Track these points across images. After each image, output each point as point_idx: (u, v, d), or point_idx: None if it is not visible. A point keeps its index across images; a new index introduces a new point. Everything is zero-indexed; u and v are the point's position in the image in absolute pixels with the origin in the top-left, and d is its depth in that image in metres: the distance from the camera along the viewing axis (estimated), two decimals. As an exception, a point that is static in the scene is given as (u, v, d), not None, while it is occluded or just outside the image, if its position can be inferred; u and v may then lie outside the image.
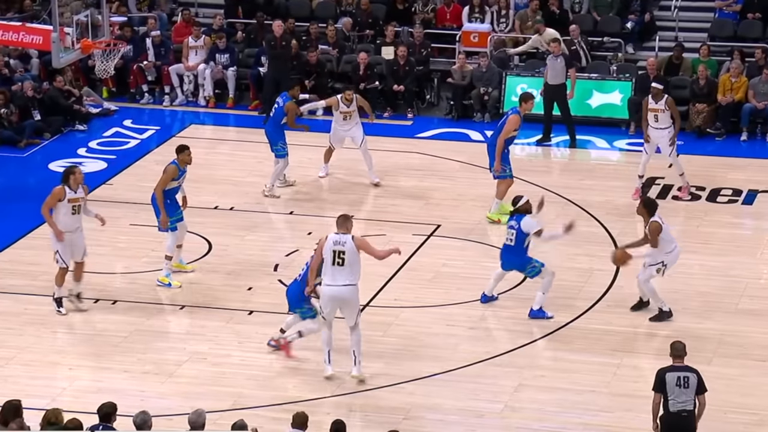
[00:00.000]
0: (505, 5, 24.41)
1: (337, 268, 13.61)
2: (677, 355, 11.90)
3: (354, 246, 13.63)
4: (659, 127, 18.60)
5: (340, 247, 13.63)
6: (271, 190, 18.81)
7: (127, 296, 15.83)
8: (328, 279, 13.68)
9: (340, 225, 13.81)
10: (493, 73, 22.84)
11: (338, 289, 13.66)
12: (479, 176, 19.64)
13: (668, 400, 11.71)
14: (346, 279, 13.65)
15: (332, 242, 13.66)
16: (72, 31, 17.73)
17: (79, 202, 15.41)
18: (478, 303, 15.66)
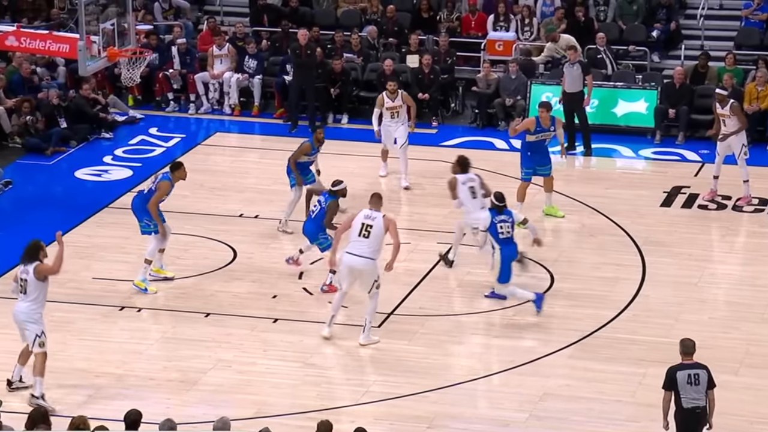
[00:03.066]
0: (530, 14, 24.38)
1: (362, 240, 14.45)
2: (687, 352, 11.92)
3: (382, 224, 14.47)
4: (729, 131, 18.62)
5: (370, 221, 14.51)
6: (284, 226, 18.09)
7: (152, 304, 15.86)
8: (350, 248, 14.46)
9: (373, 202, 14.67)
10: (520, 82, 22.80)
11: (357, 260, 14.45)
12: (504, 185, 19.56)
13: (680, 397, 11.77)
14: (366, 252, 14.41)
15: (363, 215, 14.58)
16: (98, 39, 17.79)
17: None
18: (503, 311, 15.60)
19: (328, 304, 15.60)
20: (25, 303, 13.27)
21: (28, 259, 13.30)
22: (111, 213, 18.65)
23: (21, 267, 13.34)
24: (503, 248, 15.29)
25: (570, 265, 17.00)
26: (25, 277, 13.24)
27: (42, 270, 13.23)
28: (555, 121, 18.14)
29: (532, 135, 17.95)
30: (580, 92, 21.29)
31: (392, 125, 19.84)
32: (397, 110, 19.80)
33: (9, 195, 19.59)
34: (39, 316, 13.28)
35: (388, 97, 19.81)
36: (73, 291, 15.93)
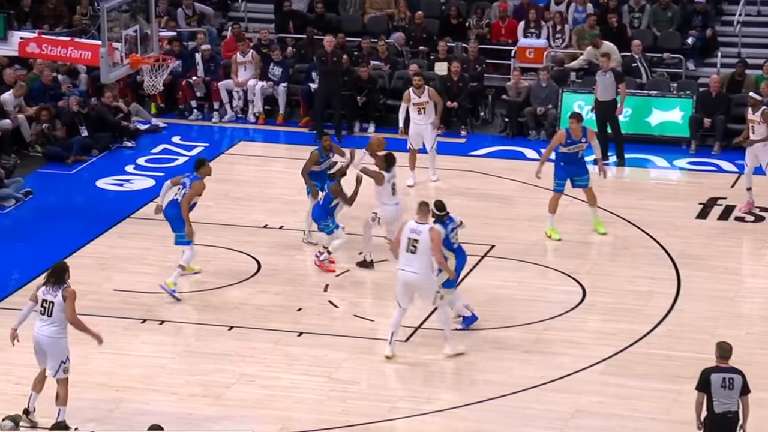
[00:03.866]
0: (561, 20, 24.36)
1: (410, 255, 14.39)
2: (723, 356, 11.89)
3: (428, 238, 14.33)
4: (756, 138, 18.56)
5: (415, 236, 14.42)
6: (308, 237, 18.27)
7: (174, 317, 15.90)
8: (402, 263, 14.43)
9: (419, 213, 14.56)
10: (551, 90, 22.78)
11: (410, 275, 14.41)
12: (535, 196, 19.57)
13: (713, 401, 11.77)
14: (416, 267, 14.33)
15: (409, 230, 14.47)
16: (121, 46, 17.85)
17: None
18: (534, 326, 15.58)
19: (355, 318, 15.61)
20: (50, 327, 12.92)
21: (56, 281, 12.95)
22: (133, 223, 18.70)
23: (44, 288, 12.97)
24: (458, 256, 15.18)
25: (602, 278, 16.94)
26: (51, 299, 12.88)
27: (71, 295, 12.91)
28: (587, 132, 18.06)
29: (565, 147, 17.91)
30: (613, 101, 21.24)
31: (420, 124, 19.91)
32: (424, 107, 19.87)
33: (29, 205, 19.68)
34: (65, 340, 13.01)
35: (414, 93, 19.91)
36: (94, 303, 15.97)
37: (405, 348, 15.00)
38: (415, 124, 20.07)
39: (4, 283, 16.86)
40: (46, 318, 12.93)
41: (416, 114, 19.98)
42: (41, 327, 12.98)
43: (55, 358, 13.00)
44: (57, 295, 12.89)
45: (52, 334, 12.94)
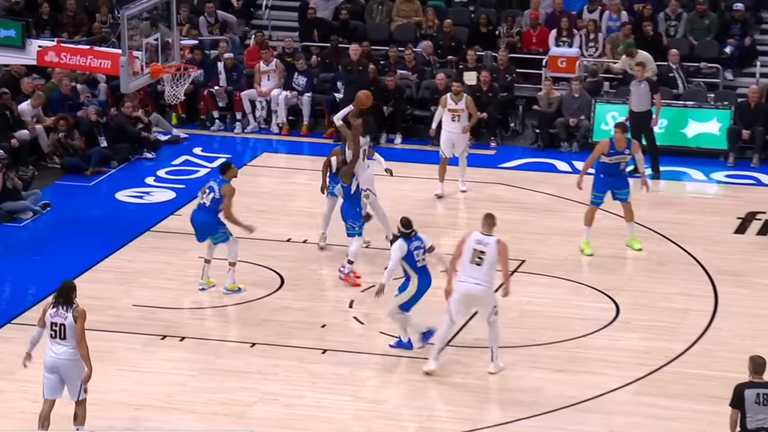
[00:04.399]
0: (595, 28, 24.34)
1: (474, 267, 14.33)
2: (757, 371, 11.85)
3: (496, 250, 14.31)
4: None
5: (482, 247, 14.37)
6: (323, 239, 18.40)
7: (195, 333, 15.93)
8: (464, 275, 14.34)
9: (485, 225, 14.50)
10: (584, 101, 22.75)
11: (474, 287, 14.36)
12: (566, 209, 19.55)
13: (746, 417, 11.74)
14: (482, 279, 14.33)
15: (475, 241, 14.40)
16: (141, 55, 17.93)
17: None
18: (566, 343, 15.54)
19: (380, 334, 15.61)
20: (65, 349, 12.80)
21: (65, 302, 12.83)
22: (153, 237, 18.76)
23: (52, 310, 12.81)
24: (421, 277, 15.01)
25: (637, 295, 16.90)
26: (62, 322, 12.78)
27: (82, 315, 12.82)
28: (631, 144, 17.96)
29: (607, 157, 17.84)
30: (648, 111, 21.20)
31: (453, 131, 20.04)
32: (459, 114, 20.02)
33: (47, 218, 19.78)
34: (81, 362, 12.90)
35: (452, 99, 20.11)
36: (113, 319, 16.03)
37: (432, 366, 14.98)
38: (447, 132, 20.18)
39: (21, 297, 16.94)
40: (59, 341, 12.81)
41: (450, 121, 20.09)
42: (57, 351, 12.83)
43: (74, 380, 12.92)
44: (68, 316, 12.77)
45: (70, 357, 12.84)
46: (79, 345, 12.82)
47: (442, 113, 20.27)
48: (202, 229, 16.72)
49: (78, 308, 12.84)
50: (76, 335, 12.78)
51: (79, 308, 12.85)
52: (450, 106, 20.17)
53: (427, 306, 15.29)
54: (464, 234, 14.57)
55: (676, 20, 24.53)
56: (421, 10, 25.47)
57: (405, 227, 15.11)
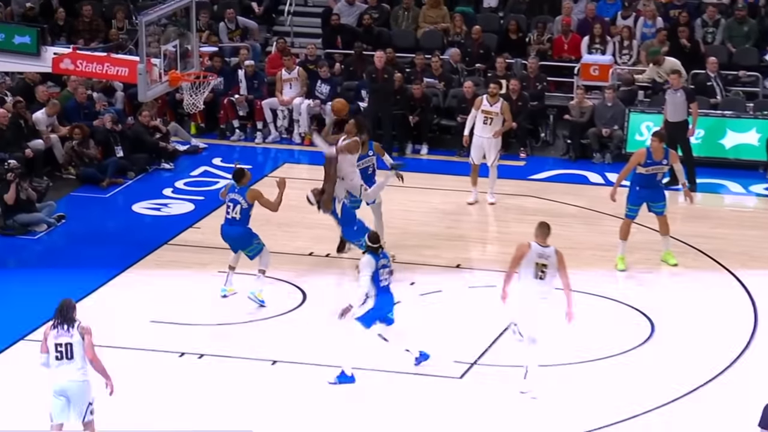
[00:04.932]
0: (629, 35, 24.28)
1: (539, 282, 14.14)
2: None
3: (556, 261, 14.15)
4: None
5: (544, 260, 14.20)
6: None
7: (215, 350, 15.91)
8: (527, 290, 14.14)
9: (542, 235, 14.28)
10: (617, 110, 22.69)
11: (540, 302, 14.20)
12: (599, 222, 19.48)
13: None
14: (546, 292, 14.19)
15: (536, 254, 14.17)
16: (159, 62, 17.96)
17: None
18: (599, 362, 15.46)
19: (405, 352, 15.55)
20: (75, 371, 12.63)
21: (68, 321, 12.65)
22: (171, 250, 18.77)
23: (54, 332, 12.61)
24: (380, 296, 14.73)
25: (673, 312, 16.81)
26: (68, 341, 12.60)
27: (89, 331, 12.68)
28: (669, 154, 17.86)
29: (644, 168, 17.76)
30: (684, 122, 21.12)
31: (483, 135, 20.00)
32: (492, 117, 20.01)
33: (62, 230, 19.82)
34: (89, 382, 12.76)
35: (487, 101, 20.12)
36: (129, 336, 16.02)
37: (460, 385, 14.94)
38: (477, 137, 20.16)
39: (36, 312, 16.92)
40: (67, 362, 12.64)
41: (481, 123, 20.09)
42: (67, 373, 12.66)
43: (82, 402, 12.75)
44: (73, 334, 12.61)
45: (79, 378, 12.69)
46: (93, 360, 12.73)
47: (475, 116, 20.24)
48: (235, 242, 16.84)
49: (82, 324, 12.71)
50: (87, 351, 12.68)
51: (82, 324, 12.72)
52: (484, 107, 20.14)
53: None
54: (519, 245, 14.27)
55: (714, 27, 24.44)
56: (449, 16, 25.47)
57: (373, 242, 14.75)
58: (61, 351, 12.63)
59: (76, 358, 12.65)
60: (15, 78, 23.91)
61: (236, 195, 16.78)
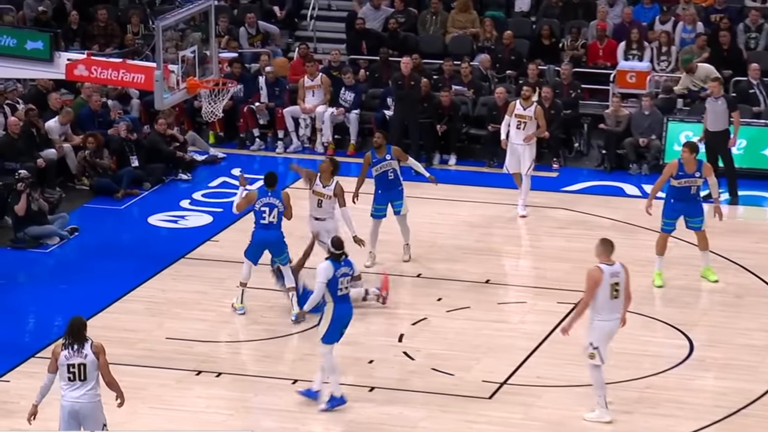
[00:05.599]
0: (668, 41, 24.25)
1: (614, 302, 14.28)
2: None
3: (626, 276, 14.30)
4: None
5: (617, 279, 14.31)
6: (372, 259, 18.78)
7: (233, 368, 15.95)
8: (606, 314, 14.25)
9: (607, 253, 14.30)
10: (655, 119, 22.66)
11: (615, 324, 14.35)
12: (635, 236, 19.45)
13: None
14: (617, 312, 14.34)
15: (609, 274, 14.24)
16: (177, 68, 18.04)
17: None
18: (635, 383, 15.43)
19: (432, 371, 15.55)
20: (88, 392, 12.66)
21: (80, 341, 12.64)
22: (188, 264, 18.82)
23: (66, 352, 12.60)
24: (337, 305, 14.65)
25: (713, 330, 16.78)
26: (81, 362, 12.61)
27: (102, 349, 12.67)
28: (702, 166, 17.80)
29: (676, 180, 17.73)
30: (725, 131, 21.07)
31: (517, 142, 20.11)
32: (525, 121, 20.10)
33: (75, 243, 19.90)
34: (101, 404, 12.75)
35: (520, 104, 20.17)
36: (144, 353, 16.08)
37: (488, 406, 14.94)
38: (511, 143, 20.20)
39: (47, 329, 17.03)
40: (79, 383, 12.64)
41: (514, 128, 20.12)
42: (79, 395, 12.67)
43: (95, 423, 12.78)
44: (86, 354, 12.63)
45: (92, 399, 12.71)
46: (107, 380, 12.77)
47: (509, 122, 20.28)
48: (273, 247, 16.96)
49: (95, 343, 12.72)
50: (102, 370, 12.71)
51: (95, 343, 12.73)
52: (518, 111, 20.19)
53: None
54: (591, 273, 14.12)
55: (757, 32, 24.39)
56: (478, 20, 25.49)
57: (336, 248, 14.75)
58: (74, 372, 12.63)
59: (90, 378, 12.67)
60: (27, 85, 24.06)
61: (271, 199, 16.95)
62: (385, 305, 17.26)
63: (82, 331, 12.74)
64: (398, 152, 18.58)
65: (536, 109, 20.32)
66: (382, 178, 18.46)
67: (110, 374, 12.78)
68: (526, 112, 20.22)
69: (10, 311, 17.63)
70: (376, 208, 18.60)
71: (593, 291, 14.18)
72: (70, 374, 12.65)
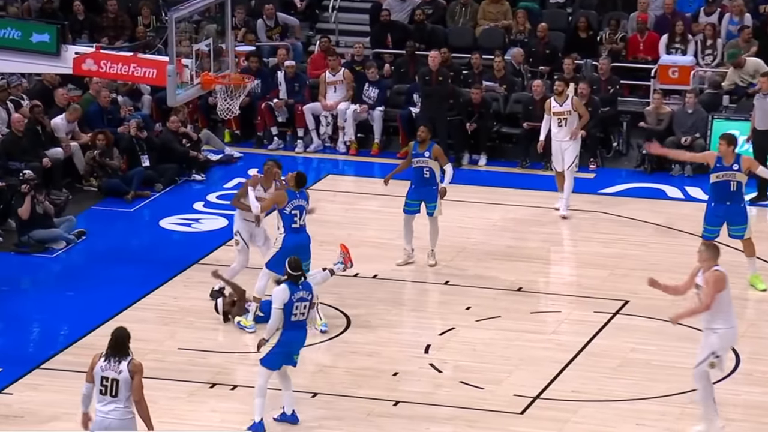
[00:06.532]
0: (713, 33, 24.19)
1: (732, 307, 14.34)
2: None
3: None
4: None
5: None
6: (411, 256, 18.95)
7: (249, 381, 15.97)
8: (731, 320, 14.26)
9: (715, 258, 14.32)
10: (699, 117, 22.62)
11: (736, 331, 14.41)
12: (677, 241, 19.43)
13: None
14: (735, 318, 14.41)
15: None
16: (191, 63, 18.11)
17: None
18: (677, 398, 15.42)
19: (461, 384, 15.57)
20: (115, 406, 12.61)
21: (119, 354, 12.62)
22: (201, 270, 18.86)
23: (103, 363, 12.63)
24: (287, 331, 14.44)
25: (760, 342, 16.76)
26: (114, 377, 12.59)
27: (139, 370, 12.63)
28: (740, 159, 17.80)
29: (714, 174, 17.73)
30: (775, 130, 21.07)
31: (560, 137, 20.20)
32: (565, 117, 20.17)
33: (82, 248, 19.97)
34: (134, 421, 12.72)
35: (555, 101, 20.18)
36: (155, 364, 16.11)
37: (519, 422, 14.94)
38: (554, 141, 20.24)
39: (52, 338, 17.11)
40: (109, 398, 12.64)
41: (556, 126, 20.24)
42: (108, 410, 12.65)
43: None
44: (121, 370, 12.60)
45: (123, 416, 12.65)
46: (138, 404, 12.64)
47: (549, 121, 20.32)
48: (306, 251, 16.84)
49: (134, 361, 12.66)
50: (134, 393, 12.60)
51: (135, 361, 12.66)
52: (554, 109, 20.24)
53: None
54: (720, 276, 14.05)
55: (811, 23, 24.34)
56: (511, 12, 25.50)
57: (293, 269, 14.44)
58: (106, 386, 12.63)
59: (121, 396, 12.63)
60: (32, 80, 24.14)
61: (301, 201, 16.94)
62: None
63: (122, 345, 12.67)
64: (438, 152, 18.63)
65: (573, 101, 20.37)
66: (418, 174, 18.57)
67: (142, 397, 12.63)
68: (563, 107, 20.26)
69: (14, 319, 17.71)
70: (408, 203, 18.68)
71: (718, 295, 14.14)
72: (102, 387, 12.65)
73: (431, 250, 18.78)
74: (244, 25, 25.51)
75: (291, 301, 14.35)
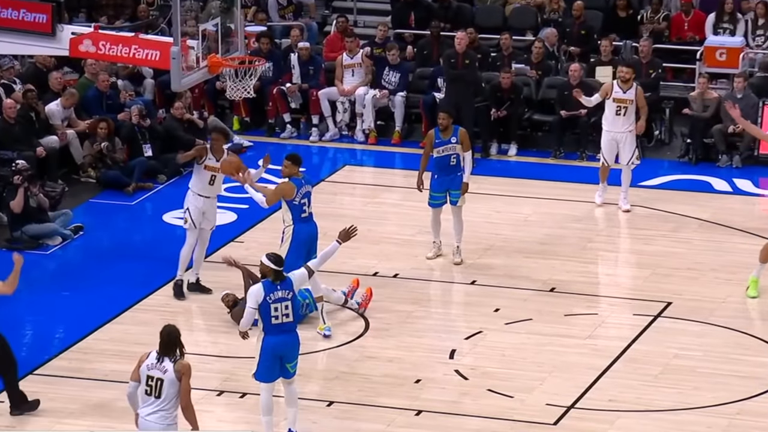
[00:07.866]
0: (765, 12, 24.16)
1: None
2: None
3: None
4: None
5: None
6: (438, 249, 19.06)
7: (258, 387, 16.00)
8: None
9: None
10: (749, 103, 22.60)
11: None
12: (725, 239, 19.41)
13: None
14: None
15: None
16: (197, 44, 18.16)
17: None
18: (724, 408, 15.42)
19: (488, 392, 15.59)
20: (162, 412, 12.75)
21: (167, 352, 12.76)
22: (207, 268, 18.88)
23: (149, 361, 12.78)
24: (268, 337, 14.23)
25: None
26: (159, 376, 12.72)
27: (187, 370, 12.74)
28: None
29: None
30: (830, 119, 21.06)
31: (616, 130, 20.25)
32: (626, 105, 20.27)
33: (79, 244, 20.03)
34: (176, 425, 12.85)
35: (619, 86, 20.24)
36: (158, 369, 16.18)
37: (554, 433, 15.01)
38: (607, 131, 20.23)
39: (47, 342, 17.16)
40: (154, 399, 12.77)
41: (614, 115, 20.24)
42: (148, 412, 12.81)
43: None
44: (167, 369, 12.73)
45: (162, 421, 12.77)
46: (185, 410, 12.76)
47: (598, 100, 20.37)
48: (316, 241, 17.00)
49: (182, 361, 12.77)
50: (182, 398, 12.72)
51: (183, 361, 12.77)
52: (616, 95, 20.25)
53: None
54: None
55: None
56: (544, -11, 25.52)
57: (275, 263, 14.19)
58: (151, 385, 12.80)
59: (166, 397, 12.76)
60: (25, 62, 24.19)
61: (307, 187, 17.11)
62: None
63: (171, 343, 12.83)
64: (464, 137, 18.62)
65: (637, 90, 20.36)
66: (443, 162, 18.57)
67: (189, 402, 12.77)
68: (627, 95, 20.26)
69: (5, 321, 17.65)
70: (433, 195, 18.69)
71: None
72: (148, 387, 12.82)
73: (456, 247, 18.80)
74: (254, 3, 25.56)
75: (266, 301, 14.11)
